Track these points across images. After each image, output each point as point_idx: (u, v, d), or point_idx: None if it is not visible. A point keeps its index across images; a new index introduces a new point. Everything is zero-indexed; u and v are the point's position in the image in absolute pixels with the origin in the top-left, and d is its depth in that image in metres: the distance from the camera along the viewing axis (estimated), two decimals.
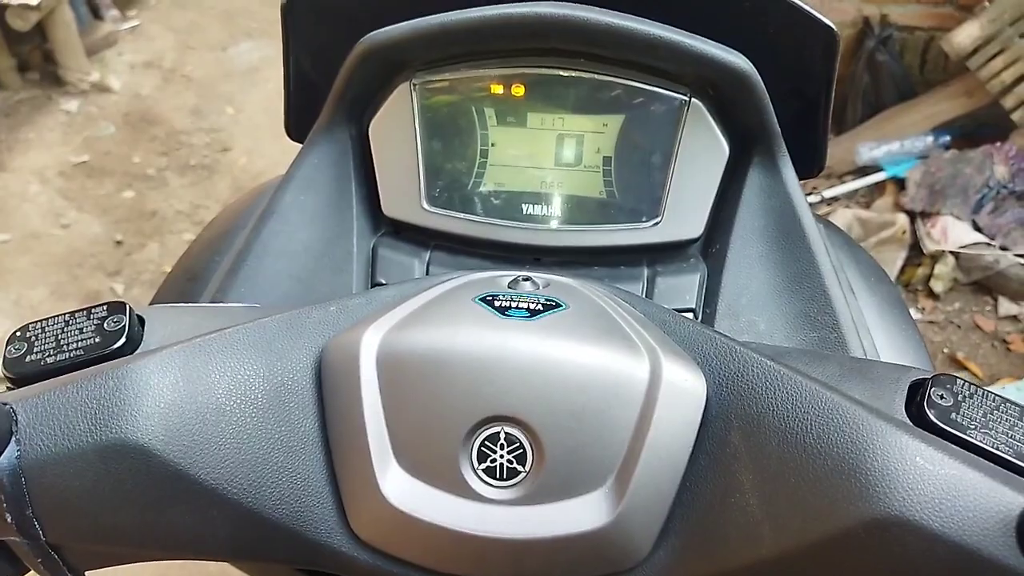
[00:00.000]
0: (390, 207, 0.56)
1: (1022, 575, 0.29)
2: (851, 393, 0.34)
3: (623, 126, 0.54)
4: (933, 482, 0.30)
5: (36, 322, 0.38)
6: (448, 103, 0.55)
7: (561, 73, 0.54)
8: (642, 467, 0.34)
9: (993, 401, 0.35)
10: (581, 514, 0.34)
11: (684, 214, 0.54)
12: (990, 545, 0.29)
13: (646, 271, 0.55)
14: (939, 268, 2.13)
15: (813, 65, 0.57)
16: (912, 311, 2.12)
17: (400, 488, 0.34)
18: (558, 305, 0.39)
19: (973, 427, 0.33)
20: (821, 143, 0.61)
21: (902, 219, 2.20)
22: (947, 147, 2.37)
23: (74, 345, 0.36)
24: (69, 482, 0.32)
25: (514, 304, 0.38)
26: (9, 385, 0.36)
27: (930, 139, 2.37)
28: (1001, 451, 0.32)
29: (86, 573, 0.36)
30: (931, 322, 2.10)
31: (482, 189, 0.56)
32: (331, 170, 0.57)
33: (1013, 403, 0.35)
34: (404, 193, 0.55)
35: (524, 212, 0.55)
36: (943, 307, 2.13)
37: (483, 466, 0.35)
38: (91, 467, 0.32)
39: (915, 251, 2.20)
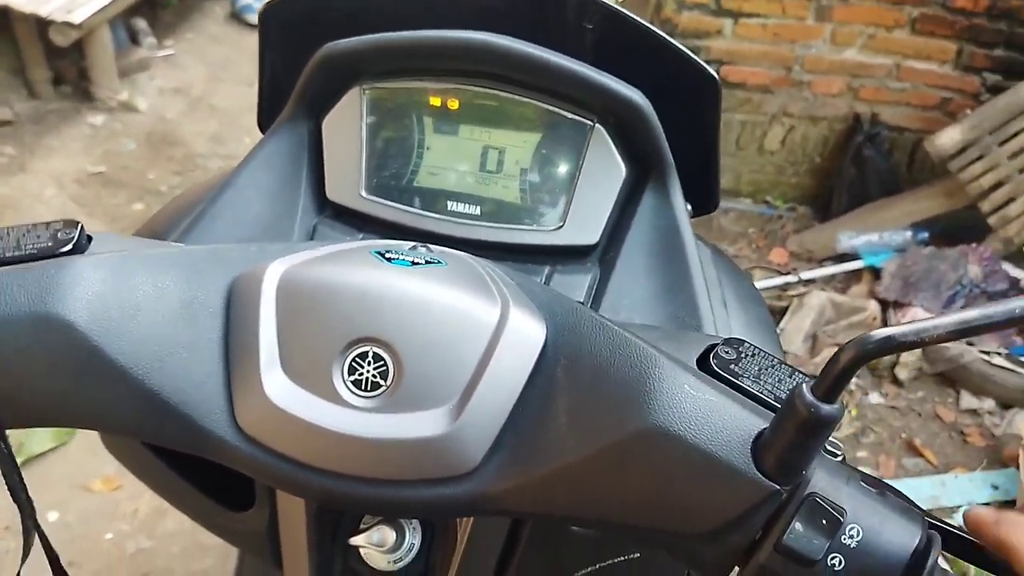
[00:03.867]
0: (333, 192, 0.64)
1: (750, 479, 0.36)
2: (658, 346, 0.42)
3: (539, 143, 0.63)
4: (692, 403, 0.38)
5: (4, 228, 0.46)
6: (392, 109, 0.64)
7: (490, 92, 0.63)
8: (480, 391, 0.41)
9: (770, 361, 0.42)
10: (426, 424, 0.41)
11: (583, 223, 0.62)
12: (730, 454, 0.36)
13: (547, 269, 0.63)
14: (905, 356, 2.19)
15: (702, 108, 0.66)
16: (875, 395, 2.19)
17: (281, 390, 0.41)
18: (438, 262, 0.47)
19: (745, 375, 0.41)
20: (714, 184, 0.69)
21: (873, 306, 2.28)
22: (925, 243, 2.47)
23: (31, 246, 0.44)
24: (5, 344, 0.40)
25: (400, 256, 0.46)
26: None
27: (909, 234, 2.47)
28: (763, 394, 0.40)
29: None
30: (893, 407, 2.15)
31: (415, 185, 0.64)
32: (286, 156, 0.65)
33: (787, 364, 0.42)
34: (346, 181, 0.64)
35: (449, 208, 0.64)
36: (906, 394, 2.19)
37: (352, 378, 0.42)
38: (24, 333, 0.39)
39: None
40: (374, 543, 0.56)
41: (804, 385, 0.34)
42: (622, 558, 0.60)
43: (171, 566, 1.68)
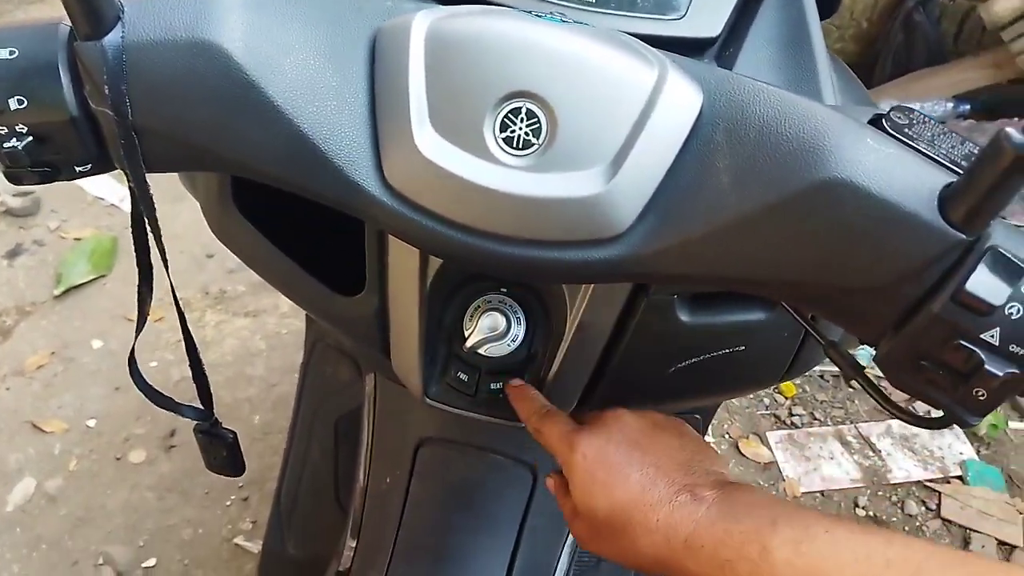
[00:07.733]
0: None
1: (937, 229, 0.35)
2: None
3: None
4: (876, 156, 0.37)
5: None
6: None
7: None
8: (635, 153, 0.40)
9: (941, 129, 0.40)
10: (578, 184, 0.40)
11: (706, 15, 0.59)
12: (916, 205, 0.36)
13: None
14: None
15: None
16: None
17: (431, 144, 0.40)
18: (588, 25, 0.44)
19: (920, 139, 0.39)
20: None
21: None
22: (965, 116, 2.40)
23: None
24: (161, 69, 0.38)
25: (550, 14, 0.44)
26: None
27: (950, 106, 2.40)
28: (939, 157, 0.39)
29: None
30: None
31: None
32: None
33: (957, 133, 0.41)
34: None
35: None
36: None
37: (504, 135, 0.40)
38: (181, 59, 0.38)
39: None
40: (485, 328, 0.57)
41: (1011, 128, 0.32)
42: (727, 351, 0.60)
43: (218, 393, 1.71)
